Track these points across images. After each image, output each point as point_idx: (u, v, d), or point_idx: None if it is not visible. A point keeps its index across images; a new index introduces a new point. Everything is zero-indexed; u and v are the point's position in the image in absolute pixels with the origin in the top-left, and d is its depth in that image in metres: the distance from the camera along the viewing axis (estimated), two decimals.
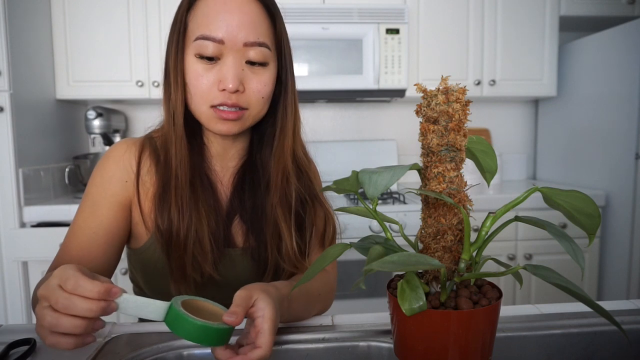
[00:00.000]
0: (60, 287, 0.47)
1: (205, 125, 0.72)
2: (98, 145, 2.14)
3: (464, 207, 0.45)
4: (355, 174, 0.47)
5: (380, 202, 1.91)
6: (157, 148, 0.76)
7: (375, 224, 1.78)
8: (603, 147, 2.00)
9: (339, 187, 0.49)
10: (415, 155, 2.40)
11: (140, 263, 0.77)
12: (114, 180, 0.73)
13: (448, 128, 0.44)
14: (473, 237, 0.44)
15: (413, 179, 2.42)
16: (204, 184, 0.75)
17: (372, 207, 0.47)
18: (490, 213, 0.45)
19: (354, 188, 0.48)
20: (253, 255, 0.77)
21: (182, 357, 0.62)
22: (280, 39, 0.74)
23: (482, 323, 0.43)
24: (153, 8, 1.97)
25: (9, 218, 1.66)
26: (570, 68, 2.21)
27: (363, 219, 1.80)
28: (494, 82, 2.16)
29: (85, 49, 1.95)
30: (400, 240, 1.22)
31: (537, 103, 2.52)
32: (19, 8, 1.69)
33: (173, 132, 0.72)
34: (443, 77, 0.44)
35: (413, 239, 0.50)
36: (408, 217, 1.81)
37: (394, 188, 2.19)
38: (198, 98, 0.69)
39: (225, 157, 0.79)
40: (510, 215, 1.64)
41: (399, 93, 2.06)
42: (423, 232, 0.47)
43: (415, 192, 0.45)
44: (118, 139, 2.15)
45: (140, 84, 1.98)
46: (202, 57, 0.68)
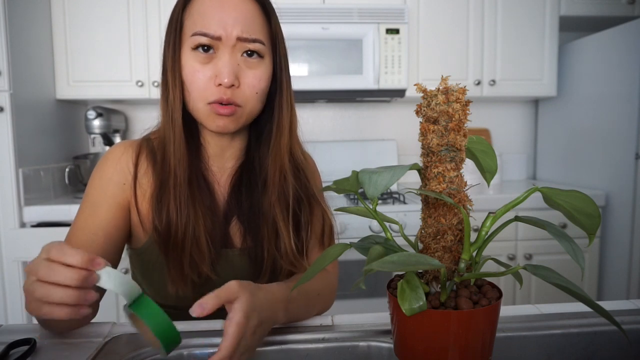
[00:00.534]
0: (46, 259, 0.47)
1: (203, 123, 0.73)
2: (98, 145, 2.14)
3: (464, 207, 0.45)
4: (355, 174, 0.47)
5: (380, 202, 1.91)
6: (154, 149, 0.76)
7: (375, 224, 1.78)
8: (603, 147, 2.00)
9: (339, 187, 0.49)
10: (415, 155, 2.40)
11: (140, 263, 0.78)
12: (112, 183, 0.74)
13: (448, 128, 0.44)
14: (473, 237, 0.44)
15: (413, 179, 2.42)
16: (201, 185, 0.75)
17: (372, 207, 0.47)
18: (490, 213, 0.45)
19: (354, 188, 0.48)
20: (250, 256, 0.77)
21: (182, 357, 0.62)
22: (275, 37, 0.75)
23: (482, 323, 0.43)
24: (153, 8, 1.97)
25: (9, 218, 1.66)
26: (570, 68, 2.21)
27: (363, 219, 1.80)
28: (494, 82, 2.16)
29: (85, 49, 1.95)
30: (400, 240, 1.22)
31: (537, 103, 2.52)
32: (19, 8, 1.69)
33: (171, 130, 0.72)
34: (443, 77, 0.44)
35: (413, 239, 0.50)
36: (408, 217, 1.81)
37: (394, 188, 2.19)
38: (196, 95, 0.70)
39: (222, 157, 0.80)
40: (510, 215, 1.64)
41: (399, 93, 2.06)
42: (423, 232, 0.47)
43: (415, 192, 0.45)
44: (118, 139, 2.15)
45: (140, 84, 1.98)
46: (198, 46, 0.69)
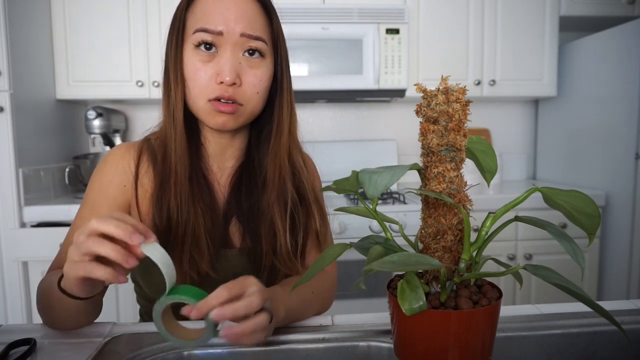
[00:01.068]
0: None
1: (203, 120, 0.73)
2: (98, 145, 2.14)
3: (464, 207, 0.45)
4: (355, 174, 0.47)
5: (380, 202, 1.91)
6: (154, 149, 0.77)
7: (375, 224, 1.78)
8: (603, 147, 2.00)
9: (339, 187, 0.49)
10: (415, 155, 2.40)
11: (140, 261, 0.77)
12: (112, 186, 0.74)
13: (448, 128, 0.44)
14: (473, 237, 0.44)
15: (413, 179, 2.42)
16: (201, 183, 0.75)
17: (372, 207, 0.47)
18: (490, 213, 0.45)
19: (354, 188, 0.48)
20: (249, 256, 0.77)
21: (182, 357, 0.62)
22: (277, 37, 0.75)
23: (482, 323, 0.43)
24: (153, 8, 1.97)
25: (9, 218, 1.66)
26: (570, 68, 2.21)
27: (363, 219, 1.80)
28: (494, 82, 2.16)
29: (85, 49, 1.95)
30: (400, 240, 1.22)
31: (537, 103, 2.52)
32: (19, 8, 1.69)
33: (173, 127, 0.73)
34: (443, 77, 0.44)
35: (413, 239, 0.50)
36: (408, 217, 1.81)
37: (394, 188, 2.19)
38: (197, 92, 0.70)
39: (223, 157, 0.80)
40: (510, 215, 1.64)
41: (399, 93, 2.06)
42: (423, 232, 0.47)
43: (415, 192, 0.45)
44: (118, 139, 2.15)
45: (140, 84, 1.98)
46: (200, 44, 0.69)
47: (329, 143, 2.31)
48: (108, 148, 2.05)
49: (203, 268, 0.72)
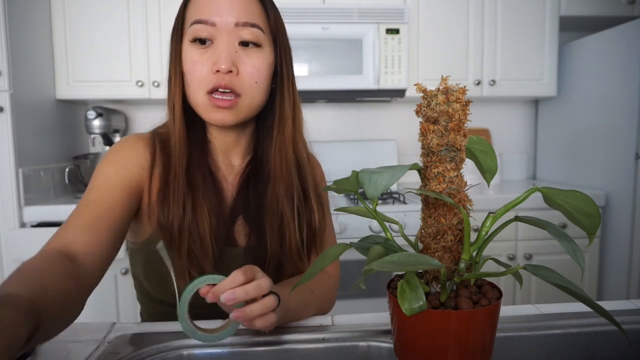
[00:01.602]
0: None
1: (202, 115, 0.73)
2: (98, 145, 2.14)
3: (464, 207, 0.45)
4: (355, 174, 0.47)
5: (380, 202, 1.91)
6: (163, 141, 0.77)
7: (375, 224, 1.78)
8: (603, 147, 2.00)
9: (339, 187, 0.49)
10: (415, 155, 2.40)
11: (143, 258, 0.77)
12: (130, 164, 0.72)
13: (448, 128, 0.44)
14: (473, 237, 0.44)
15: (413, 179, 2.42)
16: (207, 181, 0.75)
17: (372, 207, 0.47)
18: (490, 213, 0.45)
19: (354, 188, 0.48)
20: (254, 255, 0.77)
21: (182, 357, 0.62)
22: (275, 28, 0.75)
23: (482, 323, 0.43)
24: (153, 8, 1.97)
25: (9, 218, 1.66)
26: (570, 68, 2.21)
27: (363, 219, 1.80)
28: (494, 82, 2.16)
29: (85, 49, 1.95)
30: (400, 240, 1.22)
31: (537, 103, 2.52)
32: (19, 8, 1.69)
33: (173, 123, 0.73)
34: (443, 77, 0.44)
35: (413, 239, 0.50)
36: (408, 217, 1.81)
37: (394, 188, 2.19)
38: (195, 85, 0.70)
39: (230, 154, 0.80)
40: (510, 215, 1.64)
41: (399, 93, 2.06)
42: (423, 232, 0.47)
43: (415, 192, 0.45)
44: (118, 139, 2.15)
45: (140, 84, 1.98)
46: (195, 39, 0.70)
47: (329, 143, 2.31)
48: (108, 148, 2.04)
49: (206, 268, 0.71)
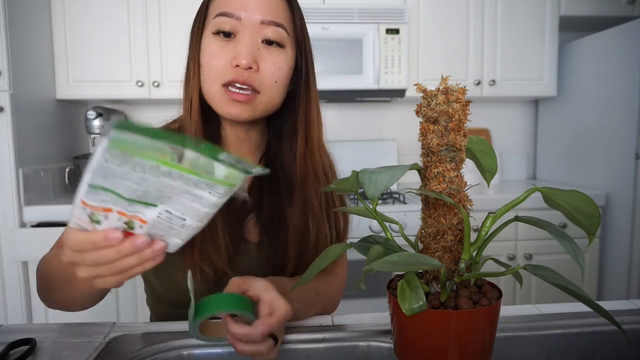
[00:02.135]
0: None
1: (216, 109, 0.71)
2: (98, 146, 2.14)
3: (464, 207, 0.45)
4: (355, 174, 0.47)
5: (380, 202, 1.91)
6: None
7: (375, 224, 1.78)
8: (603, 147, 2.00)
9: (339, 187, 0.49)
10: (415, 155, 2.40)
11: None
12: None
13: (448, 128, 0.44)
14: (473, 237, 0.44)
15: (413, 179, 2.42)
16: None
17: (372, 207, 0.47)
18: (490, 213, 0.45)
19: (354, 188, 0.48)
20: (269, 254, 0.76)
21: (182, 357, 0.62)
22: (300, 31, 0.74)
23: (482, 323, 0.43)
24: (153, 8, 1.97)
25: (9, 218, 1.66)
26: (570, 68, 2.21)
27: (363, 219, 1.79)
28: (494, 82, 2.16)
29: (85, 49, 1.95)
30: (400, 240, 1.22)
31: (537, 103, 2.52)
32: (19, 8, 1.69)
33: (189, 116, 0.72)
34: (443, 77, 0.44)
35: (413, 239, 0.50)
36: (408, 217, 1.81)
37: (394, 188, 2.19)
38: (211, 76, 0.68)
39: (241, 149, 0.78)
40: (510, 215, 1.64)
41: (399, 93, 2.06)
42: (423, 232, 0.47)
43: (415, 192, 0.45)
44: None
45: (140, 84, 1.98)
46: (219, 32, 0.68)
47: (329, 143, 2.31)
48: None
49: (220, 265, 0.70)
